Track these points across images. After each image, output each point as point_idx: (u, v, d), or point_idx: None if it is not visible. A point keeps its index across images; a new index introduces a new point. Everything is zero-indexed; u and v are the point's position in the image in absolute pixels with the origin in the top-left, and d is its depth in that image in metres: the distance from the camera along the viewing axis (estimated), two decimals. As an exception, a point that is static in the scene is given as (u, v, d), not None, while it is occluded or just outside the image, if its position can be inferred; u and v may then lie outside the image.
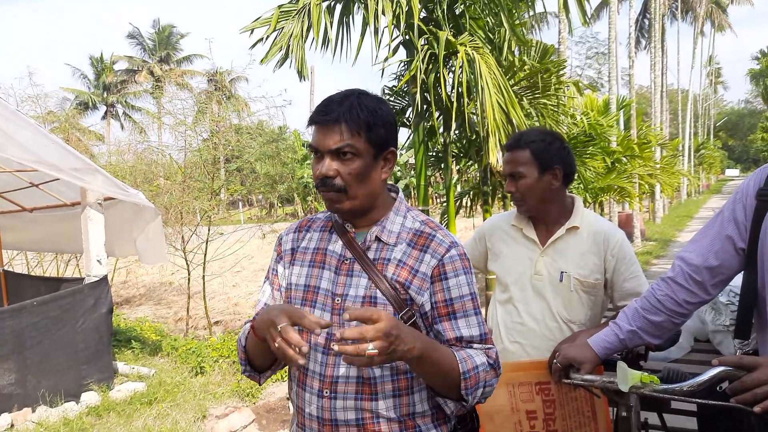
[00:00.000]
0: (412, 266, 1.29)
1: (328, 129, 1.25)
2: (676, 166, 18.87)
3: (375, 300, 1.27)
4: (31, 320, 4.19)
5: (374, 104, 1.28)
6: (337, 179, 1.25)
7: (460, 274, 1.29)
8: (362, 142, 1.25)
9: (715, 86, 55.71)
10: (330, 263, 1.34)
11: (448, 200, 5.42)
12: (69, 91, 37.44)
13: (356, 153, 1.25)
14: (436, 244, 1.30)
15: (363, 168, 1.26)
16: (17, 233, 6.37)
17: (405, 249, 1.31)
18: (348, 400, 1.26)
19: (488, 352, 1.30)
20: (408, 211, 1.37)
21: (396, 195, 1.39)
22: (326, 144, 1.25)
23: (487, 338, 1.32)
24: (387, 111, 1.30)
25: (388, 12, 4.49)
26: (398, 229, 1.33)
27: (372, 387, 1.26)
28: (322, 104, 1.28)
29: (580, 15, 4.43)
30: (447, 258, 1.28)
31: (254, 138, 6.96)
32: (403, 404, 1.28)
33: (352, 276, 1.30)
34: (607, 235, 1.97)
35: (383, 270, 1.29)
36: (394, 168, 1.36)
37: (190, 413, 4.17)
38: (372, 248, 1.32)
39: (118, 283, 9.77)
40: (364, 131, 1.25)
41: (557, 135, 2.05)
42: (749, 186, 1.46)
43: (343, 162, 1.25)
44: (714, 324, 2.34)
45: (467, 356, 1.24)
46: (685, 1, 32.35)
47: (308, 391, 1.31)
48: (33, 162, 4.08)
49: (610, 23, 13.80)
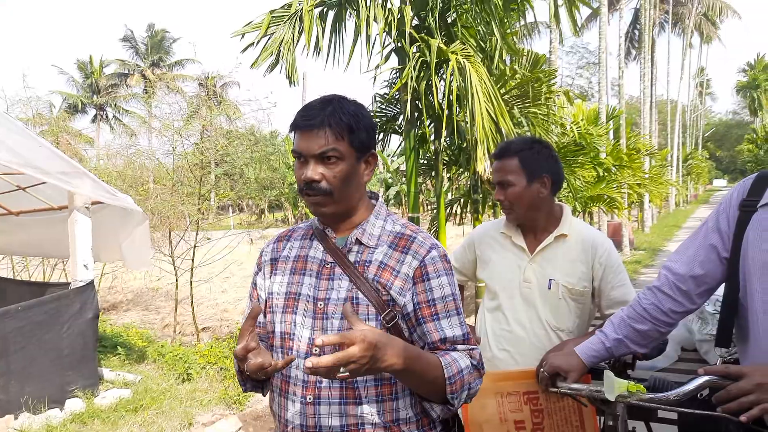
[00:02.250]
0: (393, 267, 1.29)
1: (311, 134, 1.26)
2: (664, 176, 19.04)
3: (357, 301, 1.27)
4: (16, 325, 4.12)
5: (355, 108, 1.30)
6: (323, 183, 1.26)
7: (442, 275, 1.30)
8: (345, 145, 1.27)
9: (704, 97, 56.44)
10: (311, 269, 1.35)
11: (438, 207, 5.43)
12: (58, 93, 37.23)
13: (340, 157, 1.26)
14: (417, 245, 1.31)
15: (347, 171, 1.28)
16: (3, 237, 6.29)
17: (386, 251, 1.32)
18: (333, 405, 1.26)
19: (471, 353, 1.30)
20: (388, 216, 1.39)
21: (376, 201, 1.41)
22: (311, 148, 1.26)
23: (469, 338, 1.32)
24: (367, 115, 1.33)
25: (380, 19, 4.52)
26: (378, 232, 1.34)
27: (356, 391, 1.26)
28: (304, 109, 1.30)
29: (570, 25, 4.47)
30: (428, 259, 1.29)
31: (242, 142, 6.93)
32: (387, 410, 1.27)
33: (333, 279, 1.31)
34: (595, 243, 1.98)
35: (364, 272, 1.30)
36: (375, 170, 1.38)
37: (176, 421, 4.13)
38: (353, 251, 1.33)
39: (105, 289, 9.66)
40: (347, 135, 1.27)
41: (545, 143, 2.06)
42: (733, 197, 1.48)
43: (328, 166, 1.26)
44: (701, 333, 2.35)
45: (452, 360, 1.25)
46: (675, 13, 32.78)
47: (291, 399, 1.30)
48: (20, 165, 4.03)
49: (601, 34, 13.95)
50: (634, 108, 31.98)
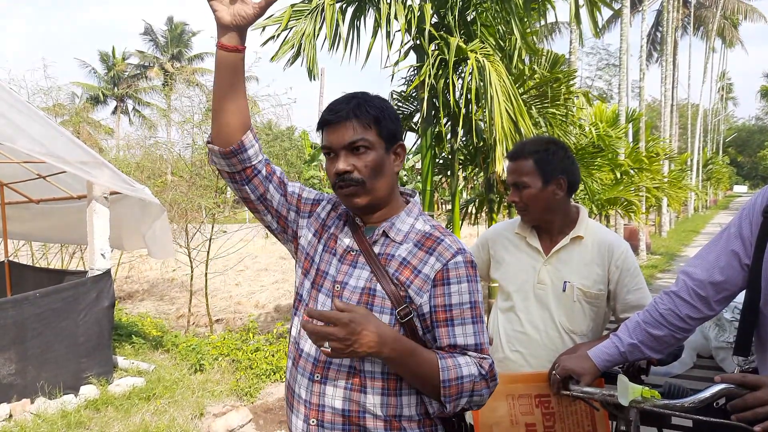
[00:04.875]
0: (415, 266, 1.29)
1: (339, 126, 1.28)
2: (683, 180, 18.76)
3: (374, 293, 1.29)
4: (34, 311, 4.20)
5: (380, 101, 1.33)
6: (355, 173, 1.28)
7: (463, 282, 1.28)
8: (374, 135, 1.29)
9: (726, 102, 55.52)
10: (336, 250, 1.38)
11: (453, 206, 5.41)
12: (78, 85, 37.72)
13: (369, 146, 1.28)
14: (443, 248, 1.30)
15: (378, 160, 1.29)
16: (23, 224, 6.41)
17: (411, 248, 1.32)
18: (338, 388, 1.28)
19: (481, 363, 1.27)
20: (420, 215, 1.39)
21: (411, 198, 1.42)
22: (340, 140, 1.28)
23: (483, 348, 1.29)
24: (392, 107, 1.35)
25: (400, 16, 4.51)
26: (407, 229, 1.35)
27: (362, 379, 1.28)
28: (330, 106, 1.32)
29: (591, 26, 4.42)
30: (452, 263, 1.28)
31: (260, 136, 6.97)
32: (391, 404, 1.28)
33: (355, 267, 1.33)
34: (611, 246, 1.96)
35: (386, 265, 1.31)
36: (404, 161, 1.38)
37: (188, 410, 4.17)
38: (378, 242, 1.35)
39: (122, 278, 9.80)
40: (374, 125, 1.29)
41: (561, 144, 2.04)
42: (756, 203, 1.45)
43: (358, 156, 1.28)
44: (717, 341, 2.32)
45: (453, 365, 1.23)
46: (698, 16, 32.27)
47: (301, 373, 1.34)
48: (42, 154, 4.09)
49: (622, 35, 13.77)
50: (655, 110, 31.57)
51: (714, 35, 32.13)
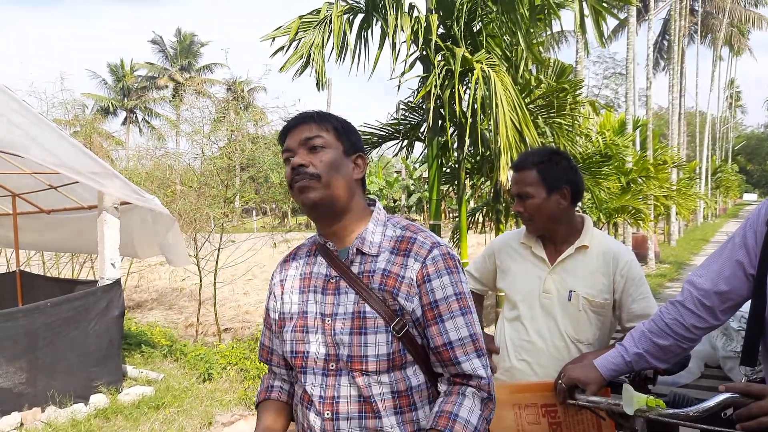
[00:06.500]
0: (397, 273, 1.27)
1: (297, 128, 1.32)
2: (692, 188, 18.66)
3: (364, 315, 1.26)
4: (45, 321, 4.24)
5: (340, 118, 1.37)
6: (311, 168, 1.28)
7: (444, 275, 1.27)
8: (331, 136, 1.31)
9: (735, 109, 55.23)
10: (316, 285, 1.34)
11: (460, 216, 5.42)
12: (88, 96, 38.12)
13: (326, 145, 1.30)
14: (417, 246, 1.29)
15: (335, 158, 1.30)
16: (35, 234, 6.48)
17: (388, 257, 1.30)
18: (352, 420, 1.25)
19: (480, 385, 1.26)
20: (388, 220, 1.37)
21: (374, 207, 1.39)
22: (297, 138, 1.31)
23: (477, 338, 1.28)
24: (352, 126, 1.38)
25: (406, 27, 4.55)
26: (379, 239, 1.32)
27: (373, 405, 1.25)
28: (291, 118, 1.37)
29: (596, 36, 4.43)
30: (429, 259, 1.27)
31: (269, 147, 7.03)
32: (407, 421, 1.26)
33: (339, 294, 1.30)
34: (616, 255, 1.97)
35: (369, 282, 1.28)
36: (365, 172, 1.38)
37: (197, 419, 4.19)
38: (356, 262, 1.31)
39: (131, 287, 9.86)
40: (333, 130, 1.32)
41: (564, 154, 2.05)
42: (761, 212, 1.46)
43: (315, 154, 1.29)
44: (725, 350, 2.32)
45: (462, 427, 1.20)
46: (705, 24, 32.22)
47: (312, 412, 1.30)
48: (55, 164, 4.15)
49: (629, 44, 13.78)
50: (662, 119, 31.47)
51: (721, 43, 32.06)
